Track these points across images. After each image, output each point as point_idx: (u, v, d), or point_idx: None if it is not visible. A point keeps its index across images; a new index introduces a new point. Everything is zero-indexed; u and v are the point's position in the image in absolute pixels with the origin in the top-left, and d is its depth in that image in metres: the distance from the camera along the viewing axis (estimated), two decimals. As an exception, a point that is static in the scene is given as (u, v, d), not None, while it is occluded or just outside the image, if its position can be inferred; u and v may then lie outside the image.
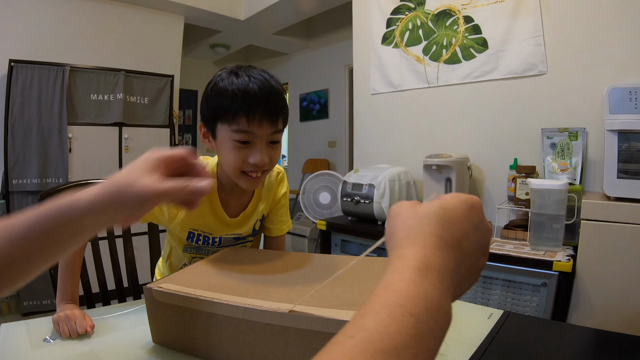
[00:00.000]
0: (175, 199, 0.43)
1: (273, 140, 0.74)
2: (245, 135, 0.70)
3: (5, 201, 2.38)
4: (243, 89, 0.68)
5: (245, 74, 0.70)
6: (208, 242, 0.85)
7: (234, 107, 0.69)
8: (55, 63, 2.53)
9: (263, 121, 0.70)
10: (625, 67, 1.45)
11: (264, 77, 0.71)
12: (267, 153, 0.73)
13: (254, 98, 0.68)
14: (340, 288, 0.55)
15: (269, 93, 0.70)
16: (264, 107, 0.69)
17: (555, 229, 1.29)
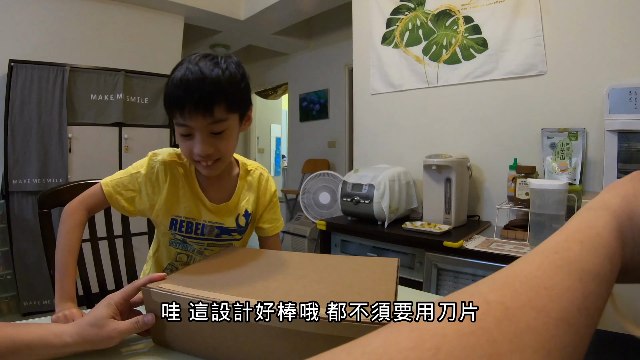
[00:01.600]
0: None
1: (215, 131, 0.74)
2: (185, 128, 0.73)
3: (5, 201, 2.38)
4: (178, 82, 0.71)
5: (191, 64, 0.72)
6: (191, 229, 0.86)
7: (171, 100, 0.72)
8: (55, 63, 2.53)
9: (195, 113, 0.71)
10: (625, 67, 1.45)
11: (205, 67, 0.71)
12: (211, 143, 0.74)
13: (185, 90, 0.70)
14: (341, 288, 0.56)
15: (200, 84, 0.70)
16: (194, 100, 0.70)
17: (555, 229, 1.28)
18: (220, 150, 0.77)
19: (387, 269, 0.64)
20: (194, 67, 0.71)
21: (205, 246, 0.89)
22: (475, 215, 1.88)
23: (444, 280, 1.45)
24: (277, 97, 5.22)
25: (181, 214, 0.85)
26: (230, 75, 0.73)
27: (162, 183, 0.83)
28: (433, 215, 1.74)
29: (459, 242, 1.41)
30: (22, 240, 2.39)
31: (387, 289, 0.54)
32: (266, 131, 5.70)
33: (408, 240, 1.58)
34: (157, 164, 0.83)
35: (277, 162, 6.03)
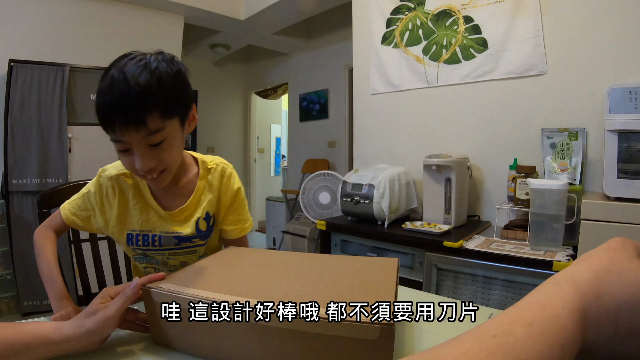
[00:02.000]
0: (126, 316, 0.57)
1: (153, 143, 0.68)
2: (120, 144, 0.68)
3: (5, 201, 2.38)
4: (103, 94, 0.64)
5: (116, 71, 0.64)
6: (148, 241, 0.82)
7: (99, 115, 0.66)
8: (55, 63, 2.53)
9: (126, 129, 0.65)
10: (625, 67, 1.45)
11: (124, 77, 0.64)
12: (151, 156, 0.69)
13: (111, 107, 0.63)
14: (341, 288, 0.55)
15: (125, 94, 0.63)
16: (122, 116, 0.63)
17: (555, 229, 1.29)
18: (164, 161, 0.71)
19: (387, 269, 0.64)
20: (119, 74, 0.64)
21: (167, 256, 0.86)
22: (475, 215, 1.88)
23: (444, 280, 1.45)
24: (277, 97, 5.22)
25: (135, 228, 0.82)
26: (161, 76, 0.66)
27: (112, 199, 0.81)
28: (433, 215, 1.73)
29: (459, 242, 1.41)
30: (22, 240, 2.39)
31: (387, 289, 0.54)
32: (266, 131, 5.69)
33: (408, 240, 1.58)
34: (105, 180, 0.81)
35: (277, 162, 6.02)
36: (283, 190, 4.36)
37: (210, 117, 4.89)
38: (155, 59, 0.68)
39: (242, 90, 5.26)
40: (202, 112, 4.78)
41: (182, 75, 0.71)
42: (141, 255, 0.87)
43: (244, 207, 0.92)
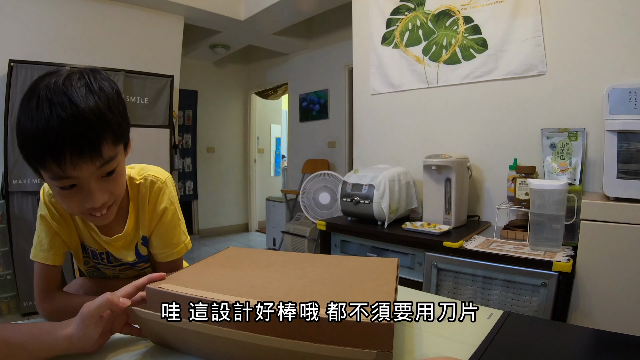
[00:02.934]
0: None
1: (104, 174, 0.61)
2: (66, 181, 0.58)
3: (5, 201, 2.38)
4: (42, 130, 0.53)
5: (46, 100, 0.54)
6: (97, 256, 0.79)
7: (38, 152, 0.55)
8: (55, 63, 2.52)
9: (78, 161, 0.55)
10: (625, 67, 1.45)
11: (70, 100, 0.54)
12: (105, 189, 0.62)
13: (56, 139, 0.53)
14: (340, 288, 0.56)
15: (74, 125, 0.54)
16: (72, 147, 0.54)
17: (555, 229, 1.29)
18: (115, 193, 0.65)
19: (387, 269, 0.64)
20: (59, 96, 0.54)
21: (118, 272, 0.83)
22: (475, 216, 1.88)
23: (444, 281, 1.45)
24: (277, 97, 5.22)
25: (86, 243, 0.78)
26: (108, 97, 0.58)
27: (63, 212, 0.74)
28: (433, 215, 1.74)
29: (458, 243, 1.41)
30: (22, 240, 2.39)
31: (387, 289, 0.54)
32: (266, 131, 5.69)
33: (408, 241, 1.58)
34: (49, 198, 0.73)
35: (277, 162, 6.02)
36: (283, 190, 4.36)
37: (210, 117, 4.89)
38: (94, 77, 0.59)
39: (242, 90, 5.26)
40: (202, 112, 4.78)
41: (121, 95, 0.64)
42: (93, 269, 0.83)
43: (171, 229, 0.80)
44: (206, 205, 4.92)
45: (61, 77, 0.57)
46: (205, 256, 0.74)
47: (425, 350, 0.58)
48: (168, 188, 0.80)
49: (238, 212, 5.28)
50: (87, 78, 0.58)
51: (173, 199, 0.81)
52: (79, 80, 0.57)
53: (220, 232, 5.06)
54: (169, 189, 0.80)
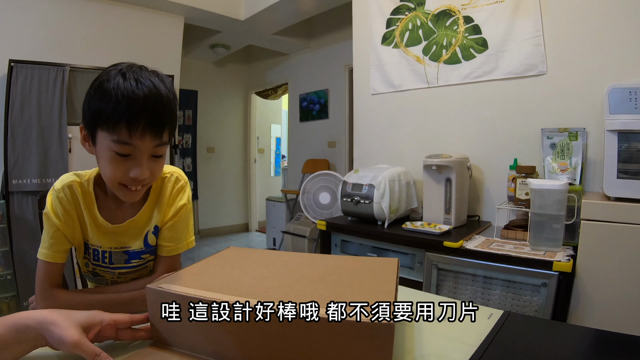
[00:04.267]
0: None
1: (156, 155, 0.69)
2: (126, 148, 0.65)
3: (5, 201, 2.38)
4: (127, 96, 0.62)
5: (133, 77, 0.64)
6: (98, 257, 0.79)
7: (115, 114, 0.62)
8: (55, 63, 2.53)
9: (146, 133, 0.64)
10: (625, 67, 1.45)
11: (153, 83, 0.65)
12: (149, 167, 0.69)
13: (138, 107, 0.62)
14: (340, 288, 0.56)
15: (155, 102, 0.64)
16: (148, 118, 0.63)
17: (555, 229, 1.29)
18: (154, 174, 0.71)
19: (387, 269, 0.64)
20: (145, 79, 0.65)
21: (117, 276, 0.82)
22: (476, 215, 1.88)
23: (444, 281, 1.45)
24: (277, 97, 5.22)
25: (88, 240, 0.79)
26: (173, 94, 0.69)
27: (69, 209, 0.76)
28: (433, 215, 1.74)
29: (459, 242, 1.41)
30: (22, 240, 2.39)
31: (387, 289, 0.54)
32: (266, 131, 5.69)
33: (408, 241, 1.58)
34: (57, 193, 0.76)
35: (277, 162, 6.02)
36: (283, 190, 4.36)
37: (210, 117, 4.89)
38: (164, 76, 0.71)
39: (242, 90, 5.26)
40: (202, 112, 4.78)
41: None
42: (91, 273, 0.82)
43: (184, 226, 0.84)
44: (206, 205, 4.92)
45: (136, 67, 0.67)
46: (205, 256, 0.74)
47: (426, 350, 0.58)
48: (189, 188, 0.87)
49: (238, 212, 5.28)
50: (161, 76, 0.70)
51: (190, 199, 0.86)
52: (153, 74, 0.68)
53: (220, 232, 5.06)
54: (189, 188, 0.87)
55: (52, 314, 0.52)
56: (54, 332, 0.50)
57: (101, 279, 0.82)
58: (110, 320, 0.56)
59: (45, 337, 0.51)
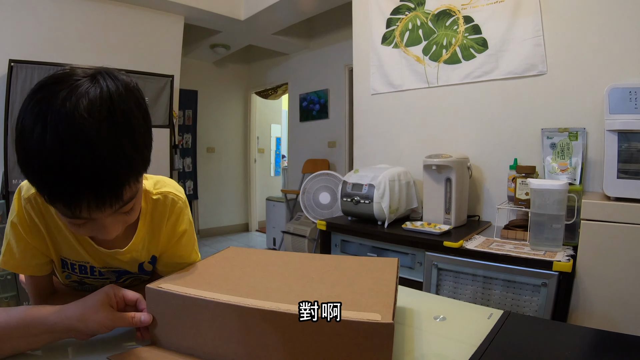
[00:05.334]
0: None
1: (124, 212, 0.54)
2: (78, 221, 0.51)
3: (5, 201, 2.38)
4: (55, 172, 0.44)
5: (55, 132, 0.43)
6: (86, 271, 0.69)
7: (47, 195, 0.46)
8: (55, 63, 2.53)
9: (94, 209, 0.48)
10: (625, 67, 1.45)
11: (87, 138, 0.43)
12: (118, 222, 0.55)
13: (72, 190, 0.45)
14: (340, 288, 0.56)
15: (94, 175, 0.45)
16: (90, 198, 0.46)
17: (555, 229, 1.29)
18: (129, 222, 0.58)
19: (387, 269, 0.64)
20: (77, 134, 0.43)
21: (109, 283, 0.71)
22: (476, 215, 1.88)
23: (444, 280, 1.45)
24: (277, 97, 5.22)
25: (69, 257, 0.67)
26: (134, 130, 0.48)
27: (38, 223, 0.63)
28: (433, 215, 1.73)
29: (459, 242, 1.41)
30: (22, 240, 2.38)
31: (387, 289, 0.54)
32: (266, 131, 5.69)
33: (408, 240, 1.58)
34: (24, 203, 0.62)
35: (277, 162, 6.02)
36: (283, 190, 4.36)
37: (210, 117, 4.89)
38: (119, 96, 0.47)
39: (242, 90, 5.26)
40: (202, 112, 4.78)
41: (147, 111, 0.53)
42: (76, 283, 0.72)
43: (187, 253, 0.73)
44: (206, 205, 4.92)
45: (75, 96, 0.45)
46: (205, 256, 0.74)
47: (425, 350, 0.58)
48: (187, 208, 0.73)
49: (238, 212, 5.28)
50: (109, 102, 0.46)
51: (191, 219, 0.75)
52: (101, 105, 0.45)
53: (220, 232, 5.06)
54: (187, 209, 0.73)
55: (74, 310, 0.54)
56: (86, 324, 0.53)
57: (89, 287, 0.72)
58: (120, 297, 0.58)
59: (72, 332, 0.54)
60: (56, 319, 0.53)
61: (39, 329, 0.53)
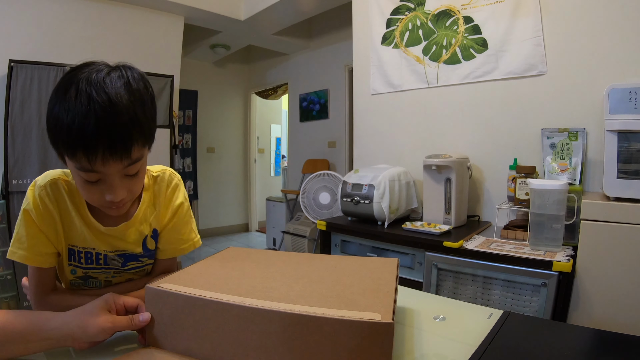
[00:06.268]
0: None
1: (130, 173, 0.62)
2: (92, 175, 0.59)
3: (5, 201, 2.38)
4: (79, 124, 0.54)
5: (85, 94, 0.55)
6: (92, 259, 0.73)
7: (70, 143, 0.56)
8: (55, 63, 2.53)
9: (108, 159, 0.57)
10: (625, 67, 1.45)
11: (109, 98, 0.55)
12: (124, 186, 0.63)
13: (91, 133, 0.54)
14: (340, 288, 0.56)
15: (112, 123, 0.55)
16: (106, 143, 0.55)
17: (555, 229, 1.29)
18: (133, 191, 0.66)
19: (387, 269, 0.64)
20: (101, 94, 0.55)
21: (112, 274, 0.77)
22: (475, 216, 1.88)
23: (444, 281, 1.45)
24: (277, 97, 5.22)
25: (76, 243, 0.72)
26: (143, 100, 0.60)
27: (51, 209, 0.69)
28: (433, 215, 1.74)
29: (459, 242, 1.41)
30: (22, 240, 2.38)
31: (387, 289, 0.54)
32: (266, 131, 5.69)
33: (408, 241, 1.58)
34: (39, 190, 0.68)
35: (277, 162, 6.02)
36: (283, 190, 4.36)
37: (210, 117, 4.89)
38: (132, 76, 0.60)
39: (242, 90, 5.26)
40: (202, 112, 4.78)
41: (153, 95, 0.65)
42: (80, 280, 0.75)
43: (185, 226, 0.80)
44: (206, 205, 4.92)
45: (102, 72, 0.58)
46: (205, 256, 0.74)
47: (425, 350, 0.58)
48: (183, 186, 0.82)
49: (238, 212, 5.28)
50: (126, 78, 0.59)
51: (187, 196, 0.82)
52: (119, 79, 0.58)
53: (220, 232, 5.06)
54: (183, 186, 0.82)
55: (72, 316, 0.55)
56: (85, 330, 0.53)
57: (93, 281, 0.76)
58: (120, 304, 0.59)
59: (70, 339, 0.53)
60: (54, 325, 0.53)
61: (37, 335, 0.52)
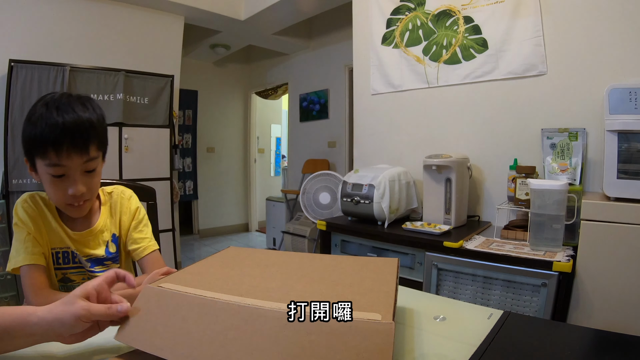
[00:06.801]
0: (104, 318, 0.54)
1: (88, 170, 0.79)
2: (59, 169, 0.75)
3: (5, 201, 2.38)
4: (49, 123, 0.72)
5: (54, 106, 0.74)
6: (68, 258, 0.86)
7: (42, 141, 0.72)
8: (55, 63, 2.53)
9: (71, 152, 0.74)
10: (625, 67, 1.45)
11: (73, 109, 0.75)
12: (84, 182, 0.79)
13: (59, 131, 0.72)
14: (340, 288, 0.56)
15: (75, 124, 0.74)
16: (70, 139, 0.73)
17: (555, 229, 1.29)
18: (92, 188, 0.81)
19: (387, 269, 0.64)
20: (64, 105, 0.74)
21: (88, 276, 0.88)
22: (476, 216, 1.88)
23: (444, 281, 1.45)
24: (277, 97, 5.22)
25: (56, 245, 0.85)
26: (98, 115, 0.80)
27: (35, 215, 0.84)
28: (433, 215, 1.74)
29: (459, 243, 1.41)
30: (22, 240, 2.38)
31: (387, 289, 0.54)
32: (266, 131, 5.69)
33: (408, 241, 1.58)
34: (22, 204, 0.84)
35: (277, 162, 6.02)
36: (283, 190, 4.36)
37: (210, 117, 4.89)
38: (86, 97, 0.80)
39: (242, 90, 5.26)
40: (202, 112, 4.78)
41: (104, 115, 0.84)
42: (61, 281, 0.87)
43: (146, 227, 0.97)
44: (206, 205, 4.92)
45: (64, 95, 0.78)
46: (205, 256, 0.74)
47: (425, 350, 0.58)
48: (136, 197, 0.99)
49: (238, 212, 5.28)
50: (82, 98, 0.79)
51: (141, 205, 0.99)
52: (77, 98, 0.78)
53: (220, 232, 5.06)
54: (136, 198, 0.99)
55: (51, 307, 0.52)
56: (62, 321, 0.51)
57: (72, 285, 0.86)
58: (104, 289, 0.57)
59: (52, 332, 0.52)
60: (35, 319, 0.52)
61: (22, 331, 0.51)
